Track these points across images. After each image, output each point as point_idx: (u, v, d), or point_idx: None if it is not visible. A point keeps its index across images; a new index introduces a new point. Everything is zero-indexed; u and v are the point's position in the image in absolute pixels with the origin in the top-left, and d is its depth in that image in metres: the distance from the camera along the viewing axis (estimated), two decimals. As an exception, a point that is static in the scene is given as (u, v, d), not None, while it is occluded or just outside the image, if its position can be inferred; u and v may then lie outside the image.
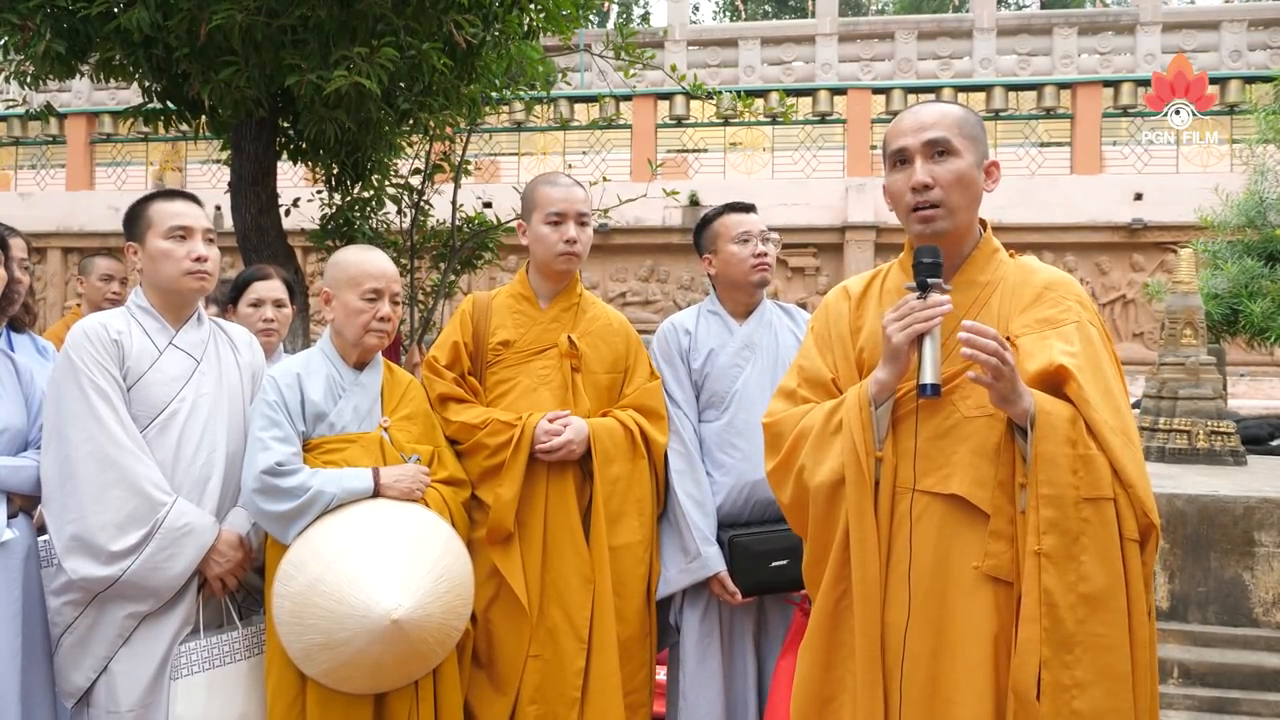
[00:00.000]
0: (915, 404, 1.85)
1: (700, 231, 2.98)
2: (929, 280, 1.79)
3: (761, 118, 13.22)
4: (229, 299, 3.24)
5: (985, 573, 1.76)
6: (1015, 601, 1.73)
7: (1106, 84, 12.83)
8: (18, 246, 2.88)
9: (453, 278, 6.57)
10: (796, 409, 2.04)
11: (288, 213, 5.44)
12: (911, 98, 13.04)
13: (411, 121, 5.24)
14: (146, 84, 4.59)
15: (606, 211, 6.07)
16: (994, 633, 1.75)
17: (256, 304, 3.17)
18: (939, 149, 1.87)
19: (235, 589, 2.39)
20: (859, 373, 1.98)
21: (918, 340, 1.77)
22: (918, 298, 1.79)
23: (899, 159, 1.92)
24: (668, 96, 13.32)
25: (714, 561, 2.70)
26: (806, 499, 1.94)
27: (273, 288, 3.20)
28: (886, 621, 1.83)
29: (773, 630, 2.80)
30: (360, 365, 2.53)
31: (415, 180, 6.21)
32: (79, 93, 14.30)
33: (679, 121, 13.64)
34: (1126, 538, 1.70)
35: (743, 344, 2.87)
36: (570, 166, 13.37)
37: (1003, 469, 1.77)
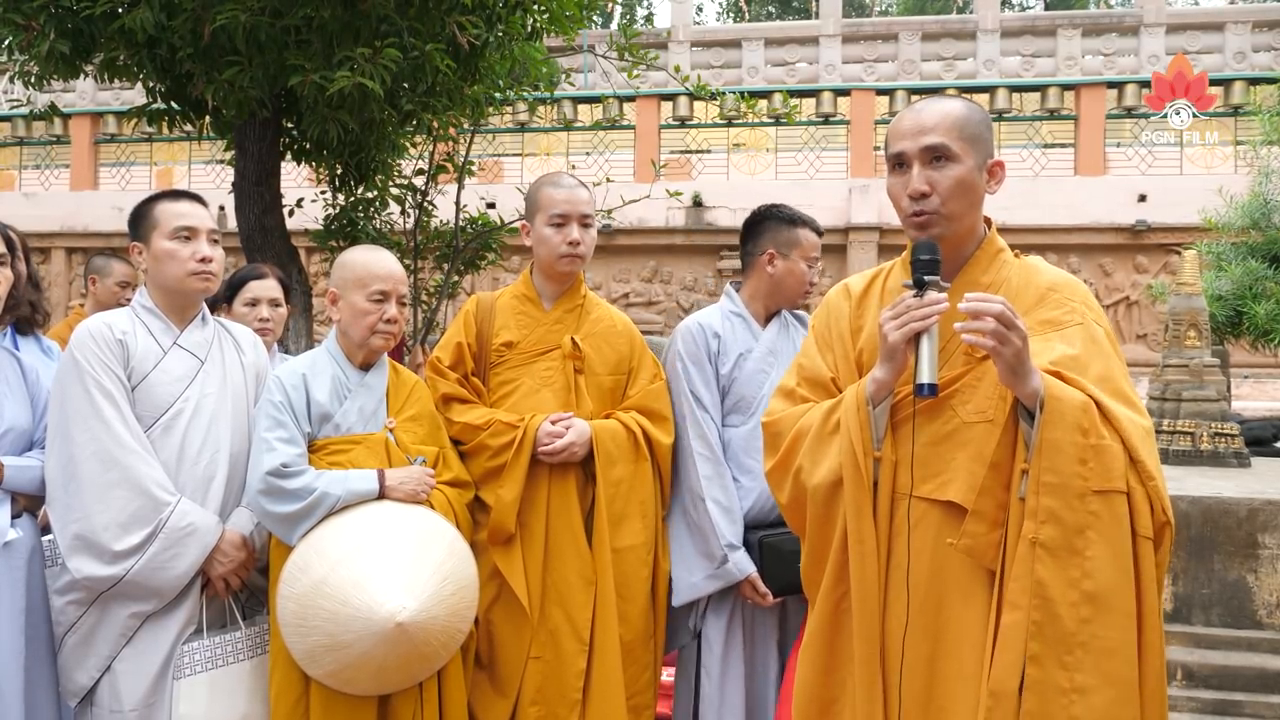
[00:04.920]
0: (913, 408, 1.81)
1: (774, 228, 2.90)
2: (926, 278, 1.74)
3: (765, 119, 13.20)
4: (224, 298, 3.22)
5: (958, 551, 1.71)
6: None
7: (1110, 85, 12.79)
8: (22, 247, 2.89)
9: (456, 278, 6.56)
10: (795, 408, 2.00)
11: (291, 213, 5.44)
12: (915, 99, 12.93)
13: (415, 122, 5.24)
14: (150, 84, 4.59)
15: (610, 212, 6.06)
16: (989, 641, 1.72)
17: (252, 303, 3.15)
18: (937, 154, 1.81)
19: (239, 589, 2.40)
20: (859, 373, 1.94)
21: (915, 339, 1.72)
22: (914, 295, 1.74)
23: (897, 162, 1.87)
24: (671, 97, 13.30)
25: (745, 565, 2.69)
26: (805, 499, 1.91)
27: (268, 287, 3.19)
28: (886, 627, 1.80)
29: (794, 630, 2.77)
30: (366, 366, 2.53)
31: (419, 181, 6.20)
32: (83, 93, 14.29)
33: (682, 122, 13.62)
34: (1140, 534, 1.63)
35: (768, 349, 2.85)
36: (573, 167, 13.34)
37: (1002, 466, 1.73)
